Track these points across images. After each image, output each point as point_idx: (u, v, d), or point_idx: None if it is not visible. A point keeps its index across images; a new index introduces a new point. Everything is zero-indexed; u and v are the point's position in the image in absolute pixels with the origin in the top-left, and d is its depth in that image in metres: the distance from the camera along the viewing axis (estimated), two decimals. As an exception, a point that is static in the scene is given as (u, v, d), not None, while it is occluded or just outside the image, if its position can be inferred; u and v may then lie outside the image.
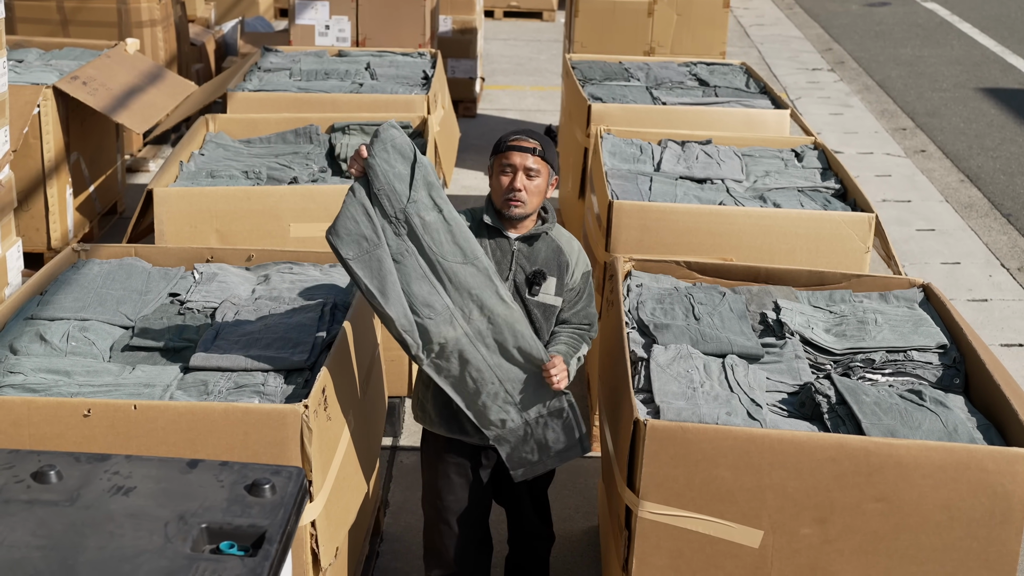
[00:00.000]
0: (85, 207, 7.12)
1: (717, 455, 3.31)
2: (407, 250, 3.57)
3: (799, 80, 12.38)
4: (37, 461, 2.77)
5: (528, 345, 3.65)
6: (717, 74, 7.57)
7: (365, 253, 3.54)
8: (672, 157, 5.73)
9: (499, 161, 3.70)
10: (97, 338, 3.87)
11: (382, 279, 3.55)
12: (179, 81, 7.59)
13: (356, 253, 3.54)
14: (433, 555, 3.98)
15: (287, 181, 5.36)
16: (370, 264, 3.54)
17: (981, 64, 13.22)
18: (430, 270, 3.58)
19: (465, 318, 3.60)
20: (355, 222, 3.54)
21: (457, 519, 3.89)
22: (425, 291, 3.57)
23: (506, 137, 3.73)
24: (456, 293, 3.59)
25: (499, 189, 3.69)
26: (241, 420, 3.31)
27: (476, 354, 3.62)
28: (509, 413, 3.68)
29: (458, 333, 3.60)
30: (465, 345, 3.61)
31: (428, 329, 3.58)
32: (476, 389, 3.64)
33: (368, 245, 3.54)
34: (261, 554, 2.50)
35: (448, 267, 3.59)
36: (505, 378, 3.65)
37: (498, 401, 3.66)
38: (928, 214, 8.59)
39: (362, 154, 3.54)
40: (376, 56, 7.72)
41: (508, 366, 3.65)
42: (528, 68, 12.40)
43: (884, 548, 3.33)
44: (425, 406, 3.83)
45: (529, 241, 3.75)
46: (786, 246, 4.89)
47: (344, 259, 3.55)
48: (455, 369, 3.63)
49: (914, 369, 3.89)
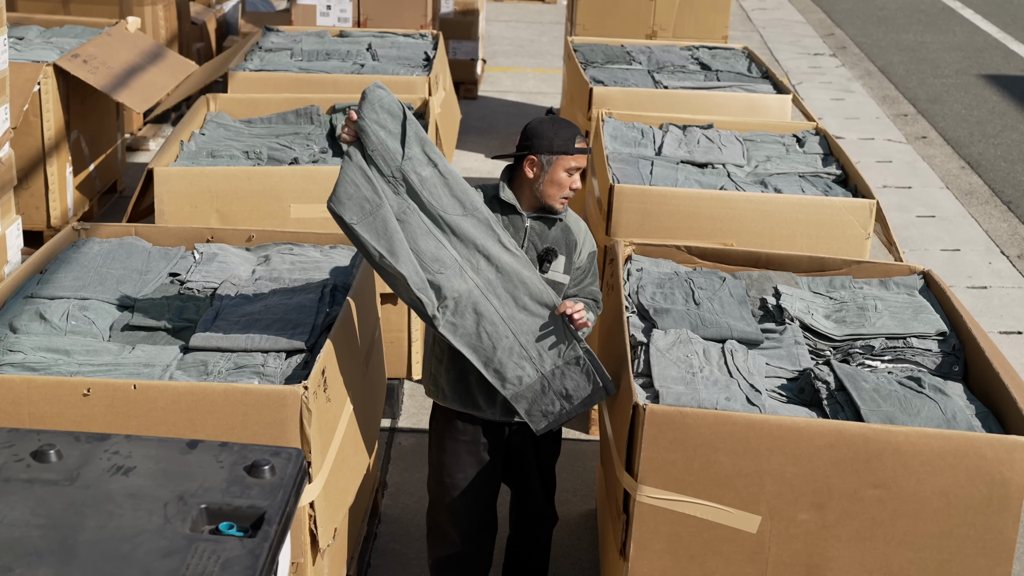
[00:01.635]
0: (85, 185, 7.11)
1: (716, 440, 3.31)
2: (408, 207, 3.56)
3: (801, 65, 12.35)
4: (37, 440, 2.78)
5: (538, 290, 3.65)
6: (719, 58, 7.56)
7: (368, 215, 3.51)
8: (673, 141, 5.72)
9: (566, 162, 3.70)
10: (97, 317, 3.87)
11: (389, 239, 3.52)
12: (180, 60, 7.57)
13: (359, 216, 3.51)
14: (438, 534, 3.98)
15: (288, 162, 5.35)
16: (375, 225, 3.52)
17: (983, 51, 13.19)
18: (433, 225, 3.57)
19: (474, 269, 3.59)
20: (355, 186, 3.52)
21: (466, 497, 3.89)
22: (432, 246, 3.56)
23: (569, 138, 3.71)
24: (462, 245, 3.59)
25: (558, 186, 3.72)
26: (241, 401, 3.31)
27: (489, 306, 3.60)
28: (525, 369, 3.66)
29: (470, 285, 3.59)
30: (478, 297, 3.59)
31: (440, 285, 3.56)
32: (492, 345, 3.62)
33: (370, 207, 3.51)
34: (260, 535, 2.51)
35: (450, 220, 3.58)
36: (519, 331, 3.64)
37: (513, 356, 3.64)
38: (929, 200, 8.59)
39: (352, 117, 3.53)
40: (378, 37, 7.69)
41: (521, 317, 3.64)
42: (530, 50, 12.37)
43: (881, 534, 3.34)
44: (438, 380, 3.82)
45: (541, 220, 3.78)
46: (787, 231, 4.88)
47: (349, 224, 3.52)
48: (470, 325, 3.61)
49: (913, 356, 3.90)
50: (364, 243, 3.53)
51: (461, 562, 3.99)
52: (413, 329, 5.36)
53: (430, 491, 4.00)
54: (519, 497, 4.06)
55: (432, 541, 4.03)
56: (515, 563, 4.19)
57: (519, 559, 4.17)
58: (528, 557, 4.15)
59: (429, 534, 4.04)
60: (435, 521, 4.00)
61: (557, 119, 3.78)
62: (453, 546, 3.96)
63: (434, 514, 4.00)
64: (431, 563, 4.06)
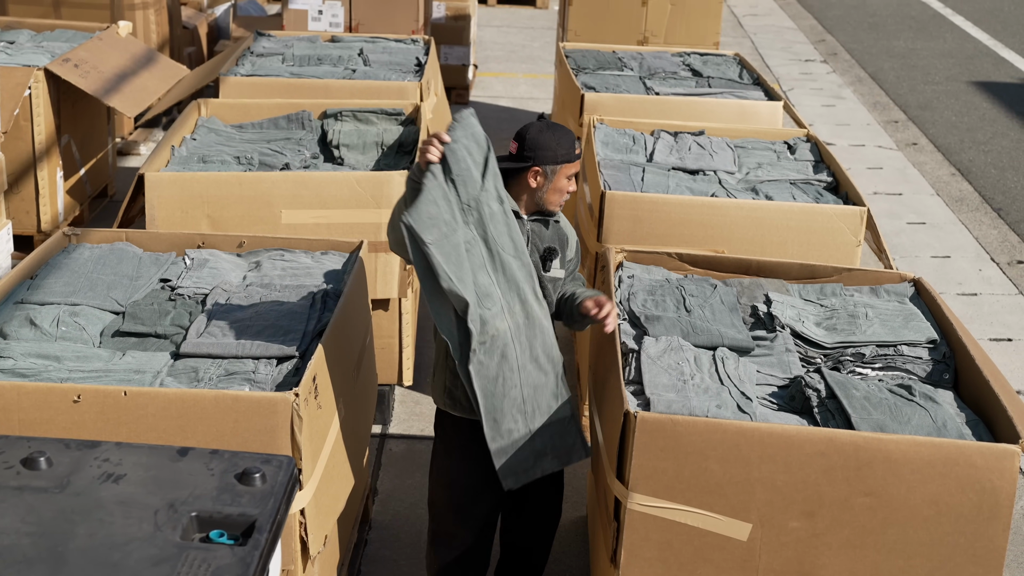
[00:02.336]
0: (76, 190, 7.10)
1: (707, 448, 3.31)
2: (474, 239, 3.54)
3: (792, 71, 12.38)
4: (27, 447, 2.77)
5: (550, 343, 3.70)
6: (710, 65, 7.57)
7: (444, 238, 3.45)
8: (665, 148, 5.72)
9: (568, 170, 3.80)
10: (87, 323, 3.87)
11: (459, 265, 3.47)
12: (171, 65, 7.56)
13: (436, 238, 3.43)
14: (445, 540, 3.95)
15: (279, 167, 5.35)
16: (447, 249, 3.45)
17: (974, 57, 13.23)
18: (490, 260, 3.57)
19: (510, 311, 3.60)
20: (436, 206, 3.44)
21: (477, 499, 3.88)
22: (485, 281, 3.55)
23: (570, 146, 3.79)
24: (506, 285, 3.59)
25: (560, 192, 3.81)
26: (231, 407, 3.30)
27: (512, 351, 3.60)
28: (517, 422, 3.65)
29: (506, 326, 3.58)
30: (508, 340, 3.58)
31: (485, 321, 3.53)
32: (503, 392, 3.60)
33: (447, 230, 3.46)
34: (251, 543, 2.51)
35: (504, 258, 3.59)
36: (526, 382, 3.64)
37: (514, 409, 3.63)
38: (919, 207, 8.60)
39: (443, 138, 3.50)
40: (369, 42, 7.69)
41: (531, 368, 3.65)
42: (521, 55, 12.38)
43: (872, 542, 3.35)
44: (454, 393, 3.79)
45: (539, 221, 3.85)
46: (778, 239, 4.89)
47: (424, 244, 3.41)
48: (493, 368, 3.57)
49: (904, 364, 3.90)
50: (435, 265, 3.43)
51: (470, 563, 3.98)
52: (404, 335, 5.36)
53: (435, 498, 3.96)
54: (526, 496, 4.01)
55: (439, 548, 3.98)
56: (513, 562, 4.15)
57: (518, 557, 4.13)
58: (529, 554, 4.13)
59: (434, 542, 3.99)
60: (442, 527, 3.96)
61: (553, 126, 3.81)
62: (462, 546, 3.93)
63: (441, 521, 3.96)
64: (437, 570, 4.02)
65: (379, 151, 5.66)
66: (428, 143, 3.52)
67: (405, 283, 5.16)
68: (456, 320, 3.52)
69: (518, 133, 3.82)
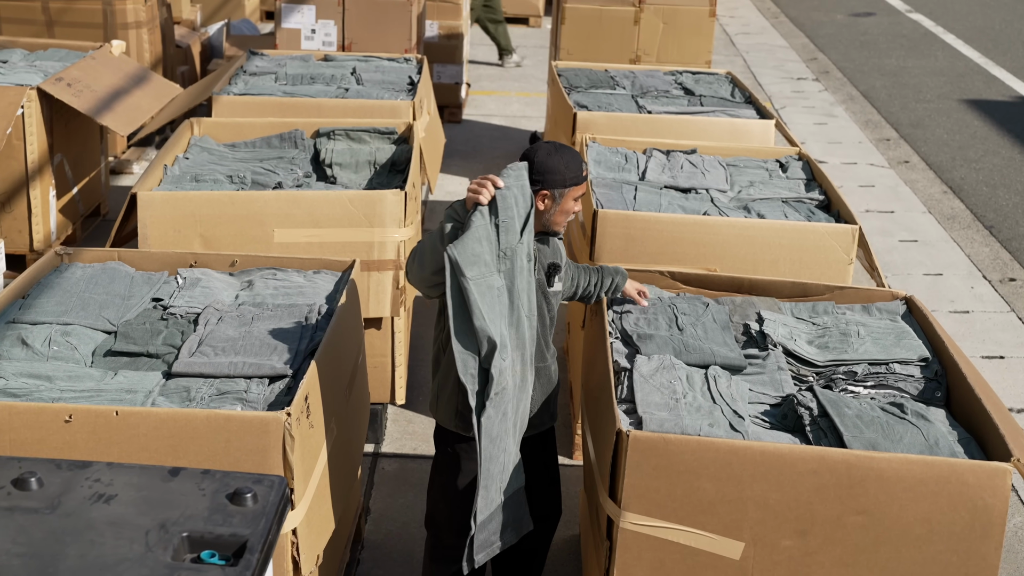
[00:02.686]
0: (68, 209, 7.10)
1: (699, 467, 3.31)
2: (502, 287, 3.53)
3: (784, 89, 12.41)
4: (18, 468, 2.76)
5: (526, 411, 3.73)
6: (703, 83, 7.59)
7: (482, 277, 3.45)
8: (657, 166, 5.73)
9: (575, 192, 3.82)
10: (79, 343, 3.86)
11: (491, 308, 3.46)
12: (164, 83, 7.57)
13: (476, 275, 3.43)
14: (447, 557, 3.93)
15: (272, 186, 5.35)
16: (483, 289, 3.45)
17: (965, 75, 13.27)
18: (509, 313, 3.56)
19: (513, 370, 3.59)
20: (480, 245, 3.45)
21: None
22: (504, 333, 3.53)
23: (577, 168, 3.81)
24: (516, 342, 3.59)
25: (567, 214, 3.84)
26: (223, 427, 3.30)
27: (509, 413, 3.59)
28: (497, 492, 3.62)
29: (511, 384, 3.57)
30: (508, 398, 3.57)
31: (502, 371, 3.51)
32: (495, 457, 3.55)
33: (485, 271, 3.46)
34: (242, 564, 2.50)
35: (520, 316, 3.60)
36: (508, 449, 3.63)
37: (498, 476, 3.60)
38: (911, 225, 8.62)
39: (497, 183, 3.54)
40: (362, 61, 7.71)
41: (512, 435, 3.64)
42: (514, 74, 12.40)
43: (864, 561, 3.34)
44: (466, 415, 3.74)
45: (541, 240, 3.87)
46: (770, 257, 4.90)
47: (465, 279, 3.40)
48: (495, 426, 3.52)
49: (896, 382, 3.91)
50: (471, 302, 3.42)
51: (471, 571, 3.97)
52: (397, 354, 5.35)
53: (436, 515, 3.94)
54: (528, 497, 4.00)
55: (440, 564, 3.96)
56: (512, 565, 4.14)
57: (520, 560, 4.12)
58: (532, 556, 4.11)
59: (435, 559, 3.97)
60: (443, 543, 3.94)
61: (560, 148, 3.82)
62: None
63: (443, 537, 3.93)
64: None
65: (372, 170, 5.67)
66: (482, 184, 3.54)
67: (398, 302, 5.16)
68: (478, 365, 3.48)
69: (525, 155, 3.82)
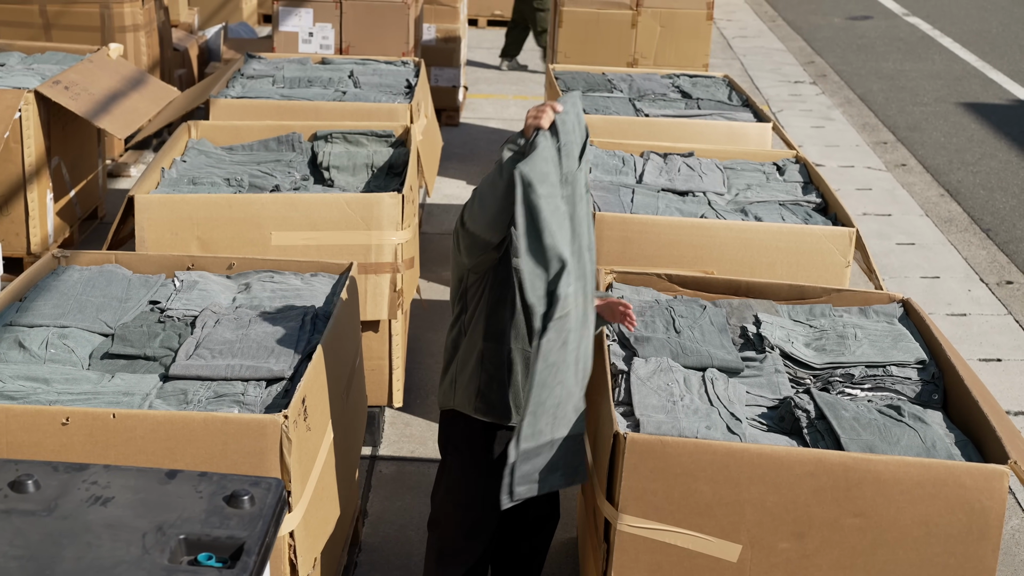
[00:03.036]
0: (66, 212, 7.10)
1: (696, 469, 3.31)
2: (565, 212, 3.41)
3: (781, 92, 12.42)
4: (15, 470, 2.76)
5: (589, 351, 3.61)
6: (700, 86, 7.59)
7: (551, 196, 3.32)
8: (654, 169, 5.74)
9: None
10: (76, 345, 3.86)
11: (560, 227, 3.35)
12: (162, 87, 7.57)
13: (545, 193, 3.30)
14: (452, 557, 3.91)
15: (269, 189, 5.35)
16: (552, 208, 3.31)
17: (962, 79, 13.29)
18: (571, 240, 3.43)
19: (575, 300, 3.42)
20: (547, 165, 3.33)
21: (490, 517, 3.85)
22: (568, 258, 3.37)
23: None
24: (578, 271, 3.45)
25: None
26: (220, 430, 3.30)
27: (570, 344, 3.43)
28: (548, 426, 3.47)
29: (574, 313, 3.42)
30: (572, 328, 3.42)
31: (567, 296, 3.34)
32: (551, 386, 3.39)
33: (552, 191, 3.34)
34: (239, 566, 2.50)
35: (581, 244, 3.49)
36: (564, 383, 3.47)
37: (550, 408, 3.44)
38: (908, 228, 8.63)
39: (556, 108, 3.43)
40: (359, 64, 7.71)
41: (571, 370, 3.49)
42: (511, 78, 12.41)
43: (862, 563, 3.34)
44: (489, 396, 3.71)
45: None
46: (767, 259, 4.90)
47: (538, 194, 3.26)
48: (554, 354, 3.36)
49: (893, 384, 3.91)
50: (541, 220, 3.27)
51: (474, 571, 3.95)
52: (394, 357, 5.35)
53: (443, 517, 3.90)
54: (530, 504, 3.94)
55: (446, 566, 3.92)
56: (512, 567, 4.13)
57: (520, 562, 4.11)
58: (534, 557, 4.09)
59: (441, 561, 3.93)
60: (450, 545, 3.91)
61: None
62: (470, 561, 3.90)
63: (450, 539, 3.90)
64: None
65: (369, 173, 5.67)
66: (542, 109, 3.42)
67: (395, 305, 5.16)
68: (545, 287, 3.33)
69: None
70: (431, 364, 6.12)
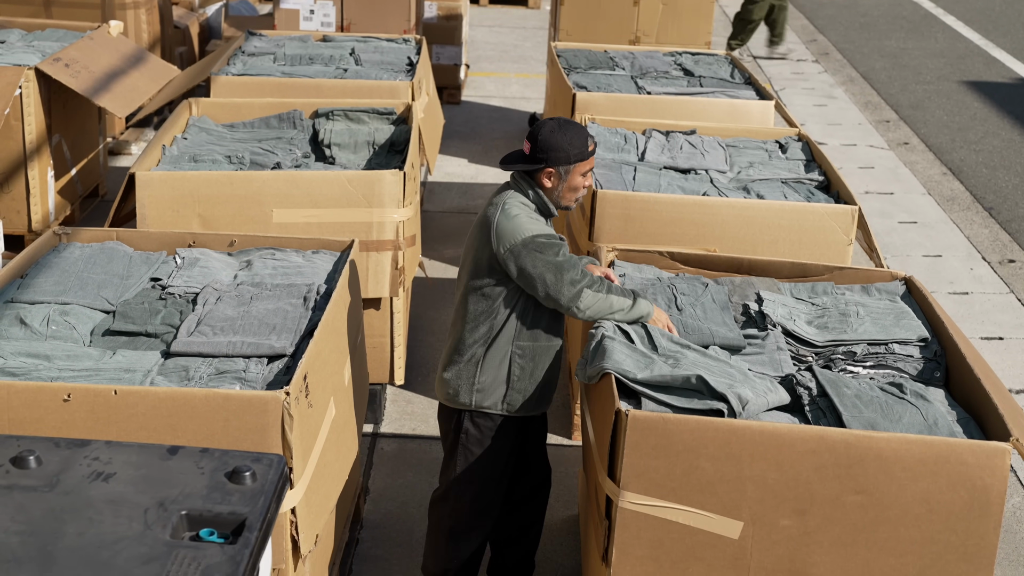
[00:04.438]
0: (67, 190, 7.08)
1: (698, 446, 3.31)
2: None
3: (783, 71, 12.38)
4: (16, 446, 2.76)
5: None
6: (702, 64, 7.57)
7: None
8: (656, 147, 5.72)
9: (582, 167, 3.87)
10: (78, 322, 3.85)
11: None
12: (162, 64, 7.55)
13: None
14: (463, 534, 4.03)
15: (270, 166, 5.34)
16: None
17: (965, 57, 13.24)
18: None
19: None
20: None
21: (499, 493, 4.02)
22: None
23: (583, 143, 3.84)
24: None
25: (575, 190, 3.89)
26: (222, 406, 3.30)
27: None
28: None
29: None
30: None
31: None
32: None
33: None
34: (241, 541, 2.50)
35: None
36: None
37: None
38: (910, 207, 8.61)
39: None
40: (361, 42, 7.68)
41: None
42: (513, 55, 12.37)
43: (863, 540, 3.34)
44: (522, 392, 3.89)
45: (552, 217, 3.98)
46: (769, 237, 4.89)
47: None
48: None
49: (895, 362, 3.90)
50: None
51: (482, 549, 4.08)
52: (396, 334, 5.35)
53: (458, 496, 4.00)
54: (525, 469, 4.10)
55: (458, 543, 4.03)
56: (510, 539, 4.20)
57: (517, 534, 4.17)
58: (531, 527, 4.17)
59: (453, 537, 4.02)
60: (462, 523, 4.02)
61: (565, 125, 3.84)
62: (481, 537, 4.03)
63: (461, 517, 4.01)
64: (458, 565, 4.06)
65: (370, 150, 5.66)
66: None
67: (397, 282, 5.15)
68: None
69: (531, 132, 3.84)
70: (432, 342, 6.11)
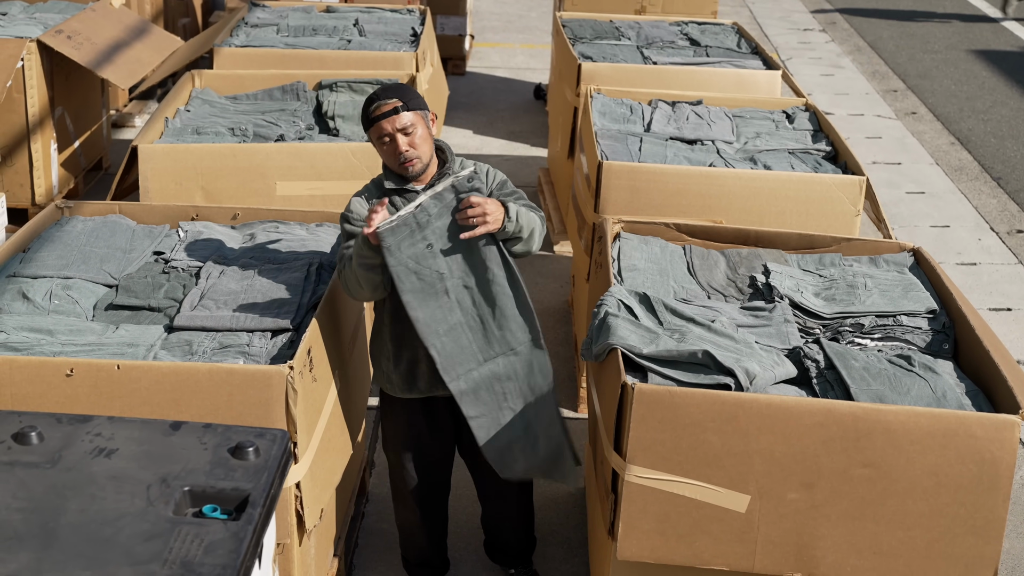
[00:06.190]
0: (70, 163, 7.06)
1: (705, 419, 3.29)
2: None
3: (790, 40, 12.31)
4: (18, 422, 2.74)
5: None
6: (708, 34, 7.52)
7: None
8: (662, 117, 5.68)
9: (374, 134, 3.71)
10: (80, 296, 3.83)
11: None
12: (165, 36, 7.50)
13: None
14: (399, 499, 4.09)
15: (274, 138, 5.31)
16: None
17: (973, 26, 13.16)
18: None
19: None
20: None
21: (418, 477, 4.00)
22: None
23: (368, 109, 3.70)
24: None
25: (390, 158, 3.71)
26: (225, 381, 3.28)
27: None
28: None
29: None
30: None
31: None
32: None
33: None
34: (244, 518, 2.48)
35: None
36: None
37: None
38: (918, 177, 8.56)
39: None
40: (365, 12, 7.64)
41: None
42: (518, 26, 12.30)
43: (871, 514, 3.33)
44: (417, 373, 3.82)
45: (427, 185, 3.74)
46: (776, 208, 4.86)
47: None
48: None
49: (903, 334, 3.88)
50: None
51: (419, 524, 4.07)
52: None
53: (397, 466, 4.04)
54: (476, 472, 4.04)
55: (398, 515, 4.12)
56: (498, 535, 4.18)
57: (501, 529, 4.16)
58: (507, 521, 4.13)
59: (397, 501, 4.10)
60: (395, 487, 4.07)
61: (380, 90, 3.73)
62: (411, 512, 4.05)
63: (394, 480, 4.06)
64: (397, 525, 4.15)
65: (374, 122, 5.61)
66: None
67: (401, 255, 5.12)
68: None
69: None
70: (438, 315, 6.08)
